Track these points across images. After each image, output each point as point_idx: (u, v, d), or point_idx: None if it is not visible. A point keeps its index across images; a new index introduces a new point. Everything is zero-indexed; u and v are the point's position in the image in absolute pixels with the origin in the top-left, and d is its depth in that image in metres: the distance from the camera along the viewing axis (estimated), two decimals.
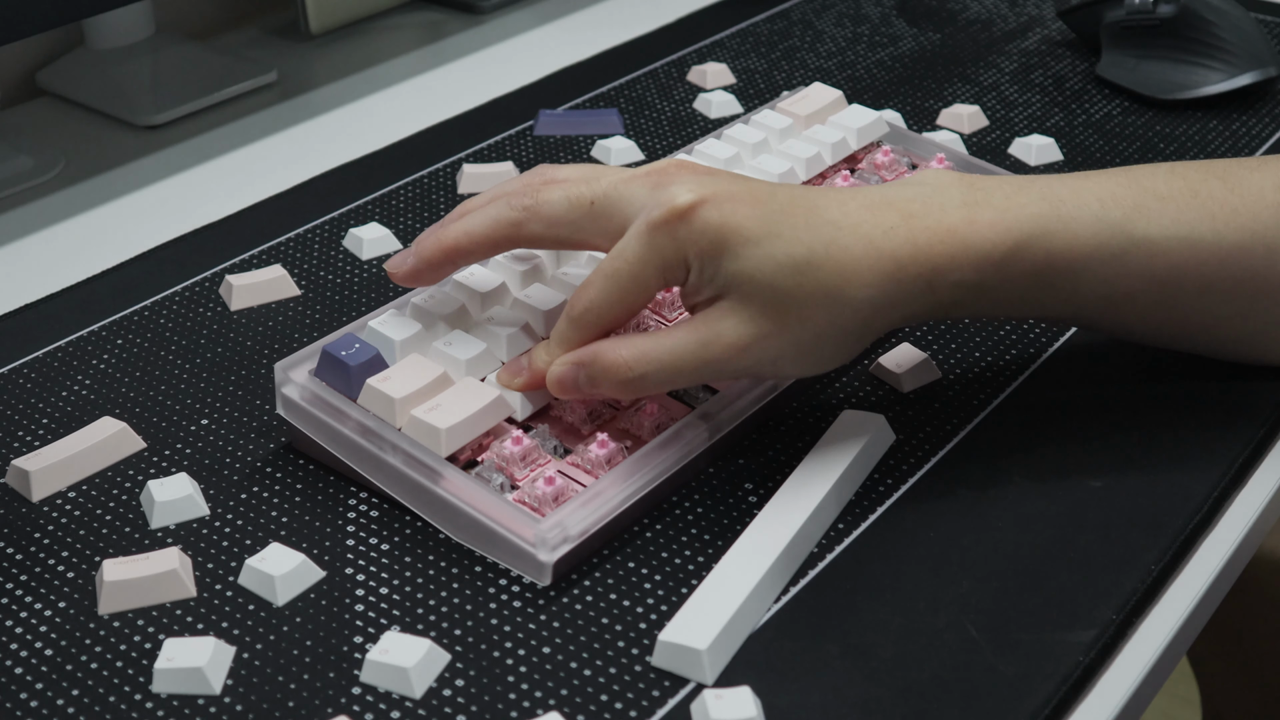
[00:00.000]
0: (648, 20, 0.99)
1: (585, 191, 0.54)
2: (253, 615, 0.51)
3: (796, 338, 0.53)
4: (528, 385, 0.56)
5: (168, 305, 0.68)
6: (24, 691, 0.48)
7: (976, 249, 0.54)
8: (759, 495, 0.56)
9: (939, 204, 0.55)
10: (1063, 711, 0.48)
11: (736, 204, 0.52)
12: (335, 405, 0.55)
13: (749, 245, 0.52)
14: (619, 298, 0.53)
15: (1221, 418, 0.60)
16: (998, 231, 0.54)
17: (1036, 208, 0.55)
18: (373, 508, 0.55)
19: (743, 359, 0.53)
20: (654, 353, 0.53)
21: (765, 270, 0.52)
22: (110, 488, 0.57)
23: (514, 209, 0.55)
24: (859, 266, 0.53)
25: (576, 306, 0.54)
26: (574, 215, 0.54)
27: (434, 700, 0.47)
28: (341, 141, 0.85)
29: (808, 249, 0.52)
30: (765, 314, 0.52)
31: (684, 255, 0.52)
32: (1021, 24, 0.97)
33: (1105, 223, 0.56)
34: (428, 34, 1.01)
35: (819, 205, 0.54)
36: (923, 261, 0.53)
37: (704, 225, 0.52)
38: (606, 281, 0.53)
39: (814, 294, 0.52)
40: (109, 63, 0.92)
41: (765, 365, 0.54)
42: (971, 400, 0.61)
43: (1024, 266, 0.55)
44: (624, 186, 0.54)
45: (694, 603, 0.50)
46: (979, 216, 0.55)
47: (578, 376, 0.54)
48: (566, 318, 0.55)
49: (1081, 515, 0.55)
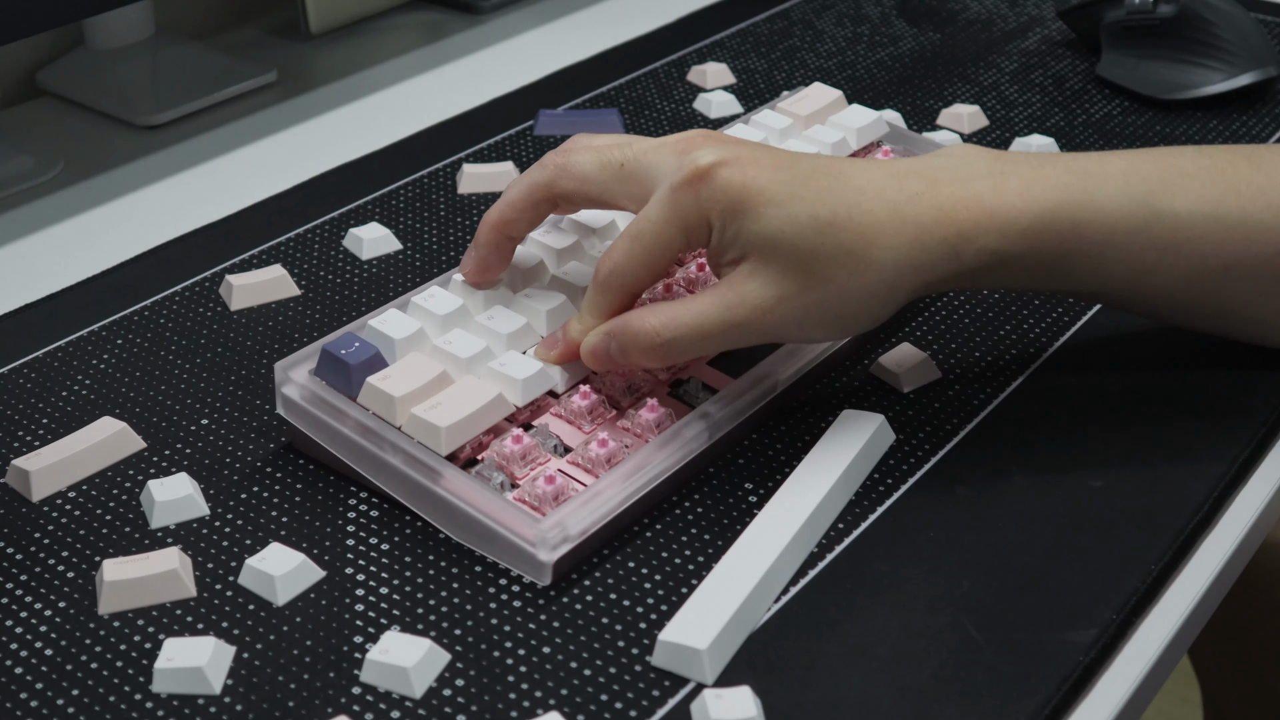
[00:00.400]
0: (648, 20, 0.99)
1: (616, 155, 0.56)
2: (253, 615, 0.51)
3: (820, 298, 0.53)
4: (563, 357, 0.57)
5: (168, 305, 0.68)
6: (24, 691, 0.48)
7: (1002, 216, 0.54)
8: (759, 495, 0.56)
9: (965, 173, 0.55)
10: (1063, 711, 0.48)
11: (759, 167, 0.53)
12: (335, 405, 0.55)
13: (771, 206, 0.53)
14: (643, 259, 0.54)
15: (1221, 418, 0.60)
16: (1024, 200, 0.55)
17: (1063, 179, 0.56)
18: (373, 508, 0.55)
19: (768, 320, 0.54)
20: (681, 318, 0.54)
21: (787, 231, 0.52)
22: (110, 488, 0.57)
23: (546, 169, 0.57)
24: (882, 229, 0.53)
25: (602, 271, 0.55)
26: (604, 175, 0.56)
27: (434, 700, 0.47)
28: (341, 141, 0.85)
29: (830, 210, 0.53)
30: (788, 274, 0.53)
31: (706, 215, 0.53)
32: (1021, 24, 0.97)
33: (1131, 196, 0.56)
34: (428, 34, 1.01)
35: (843, 171, 0.55)
36: (947, 226, 0.54)
37: (726, 185, 0.53)
38: (631, 243, 0.55)
39: (836, 254, 0.53)
40: (109, 63, 0.92)
41: (790, 327, 0.54)
42: (971, 400, 0.61)
43: (1049, 236, 0.55)
44: (653, 153, 0.55)
45: (694, 603, 0.50)
46: (1005, 185, 0.55)
47: (609, 346, 0.55)
48: (593, 284, 0.56)
49: (1081, 515, 0.55)
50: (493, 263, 0.59)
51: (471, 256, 0.60)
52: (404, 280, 0.70)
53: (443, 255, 0.72)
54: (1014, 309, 0.67)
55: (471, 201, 0.76)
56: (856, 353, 0.63)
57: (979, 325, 0.66)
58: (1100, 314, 0.67)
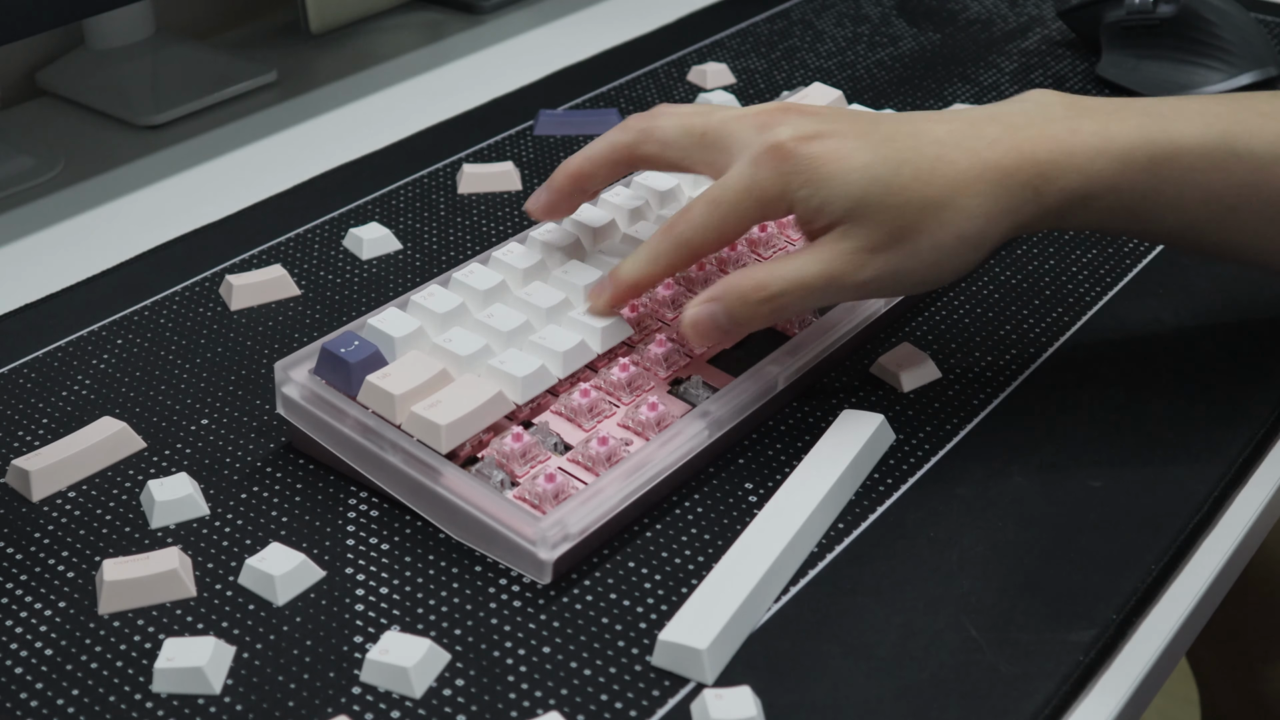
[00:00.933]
0: (648, 20, 0.99)
1: (699, 122, 0.58)
2: (253, 615, 0.51)
3: (914, 250, 0.55)
4: (615, 300, 0.58)
5: (168, 305, 0.68)
6: (24, 691, 0.48)
7: (1081, 155, 0.56)
8: (759, 495, 0.56)
9: (1042, 116, 0.57)
10: (1063, 711, 0.48)
11: (841, 137, 0.55)
12: (335, 404, 0.55)
13: (854, 171, 0.54)
14: (718, 224, 0.56)
15: (1221, 418, 0.60)
16: (1102, 139, 0.56)
17: (1139, 120, 0.57)
18: (373, 508, 0.55)
19: (865, 272, 0.55)
20: (783, 272, 0.55)
21: (873, 192, 0.54)
22: (110, 488, 0.57)
23: (630, 131, 0.59)
24: (966, 177, 0.55)
25: (676, 227, 0.57)
26: (685, 141, 0.58)
27: (434, 700, 0.47)
28: (341, 141, 0.85)
29: (914, 167, 0.54)
30: (880, 232, 0.54)
31: (784, 189, 0.55)
32: (1021, 24, 0.97)
33: (1208, 134, 0.57)
34: (428, 34, 1.01)
35: (922, 127, 0.56)
36: (1028, 168, 0.55)
37: (808, 159, 0.54)
38: (708, 206, 0.56)
39: (925, 208, 0.54)
40: (109, 63, 0.92)
41: (888, 280, 0.56)
42: (971, 400, 0.61)
43: (1128, 174, 0.56)
44: (734, 123, 0.57)
45: (694, 603, 0.50)
46: (1082, 126, 0.56)
47: (715, 313, 0.56)
48: (661, 235, 0.57)
49: (1081, 515, 0.55)
50: (560, 208, 0.62)
51: (542, 196, 0.61)
52: (404, 280, 0.70)
53: (443, 255, 0.72)
54: (1014, 309, 0.67)
55: (471, 201, 0.76)
56: (856, 353, 0.63)
57: (979, 325, 0.66)
58: (1100, 315, 0.67)
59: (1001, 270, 0.70)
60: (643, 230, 0.65)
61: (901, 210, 0.54)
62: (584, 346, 0.58)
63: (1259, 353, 0.64)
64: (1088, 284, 0.69)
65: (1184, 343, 0.65)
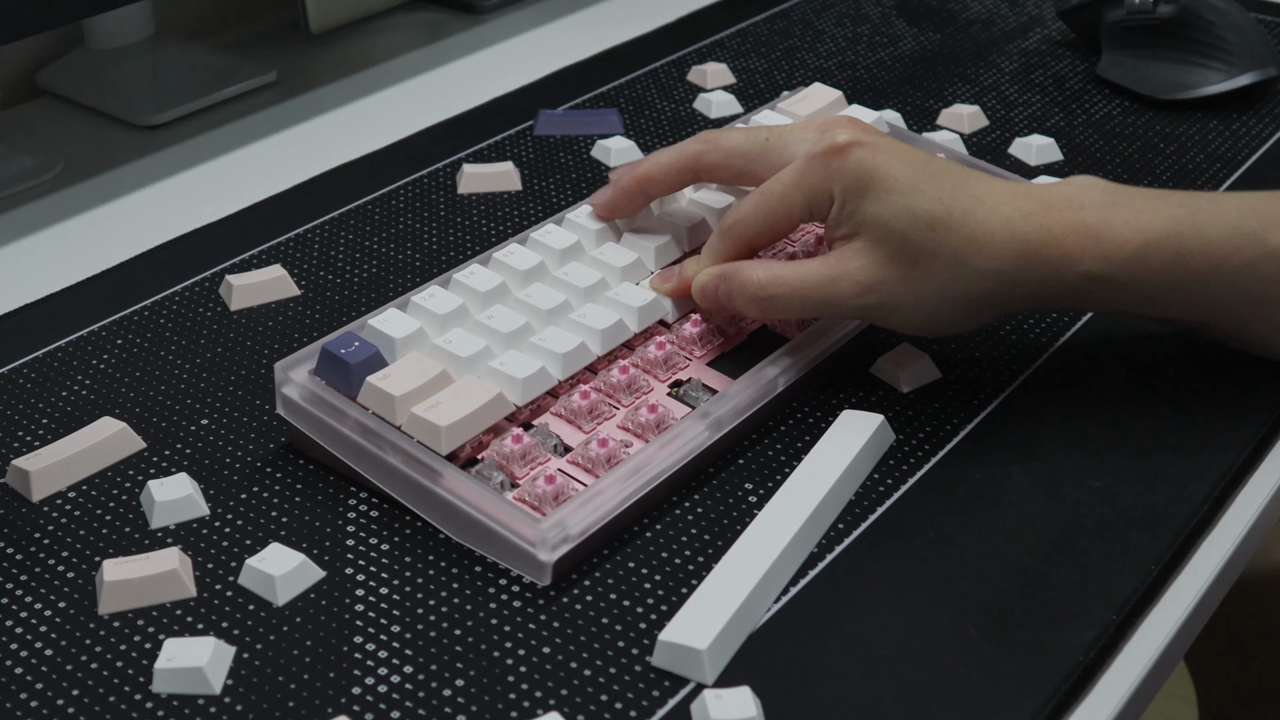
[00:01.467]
0: (648, 20, 0.99)
1: (762, 132, 0.61)
2: (253, 615, 0.51)
3: (918, 291, 0.56)
4: (677, 291, 0.61)
5: (168, 305, 0.68)
6: (24, 691, 0.48)
7: (1109, 242, 0.56)
8: (759, 495, 0.56)
9: (1079, 201, 0.57)
10: (1063, 711, 0.48)
11: (891, 155, 0.57)
12: (335, 405, 0.55)
13: (892, 193, 0.56)
14: (766, 215, 0.58)
15: (1221, 418, 0.60)
16: (1130, 229, 0.57)
17: (1173, 212, 0.57)
18: (373, 508, 0.55)
19: (865, 299, 0.57)
20: (786, 277, 0.57)
21: (901, 219, 0.55)
22: (110, 488, 0.57)
23: (698, 142, 0.62)
24: (992, 239, 0.56)
25: (727, 220, 0.60)
26: (749, 149, 0.60)
27: (434, 700, 0.47)
28: (341, 141, 0.85)
29: (946, 210, 0.55)
30: (893, 261, 0.56)
31: (830, 187, 0.57)
32: (1021, 24, 0.97)
33: (1241, 231, 0.57)
34: (428, 34, 1.01)
35: (966, 178, 0.57)
36: (1054, 247, 0.56)
37: (856, 164, 0.56)
38: (759, 199, 0.59)
39: (942, 253, 0.55)
40: (109, 63, 0.92)
41: (884, 311, 0.57)
42: (971, 400, 0.61)
43: (1154, 264, 0.57)
44: (796, 130, 0.60)
45: (694, 603, 0.50)
46: (1115, 216, 0.57)
47: (718, 287, 0.59)
48: (717, 230, 0.61)
49: (1081, 515, 0.55)
50: (623, 209, 0.64)
51: (607, 194, 0.64)
52: (404, 280, 0.70)
53: (443, 255, 0.72)
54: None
55: (471, 201, 0.76)
56: (856, 353, 0.63)
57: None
58: (1099, 315, 0.67)
59: None
60: (643, 232, 0.65)
61: (922, 248, 0.55)
62: (584, 348, 0.58)
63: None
64: None
65: (1184, 343, 0.65)
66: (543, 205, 0.76)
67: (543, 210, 0.75)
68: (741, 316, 0.62)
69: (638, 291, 0.61)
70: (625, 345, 0.61)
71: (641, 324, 0.60)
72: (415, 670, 0.49)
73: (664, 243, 0.64)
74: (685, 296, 0.61)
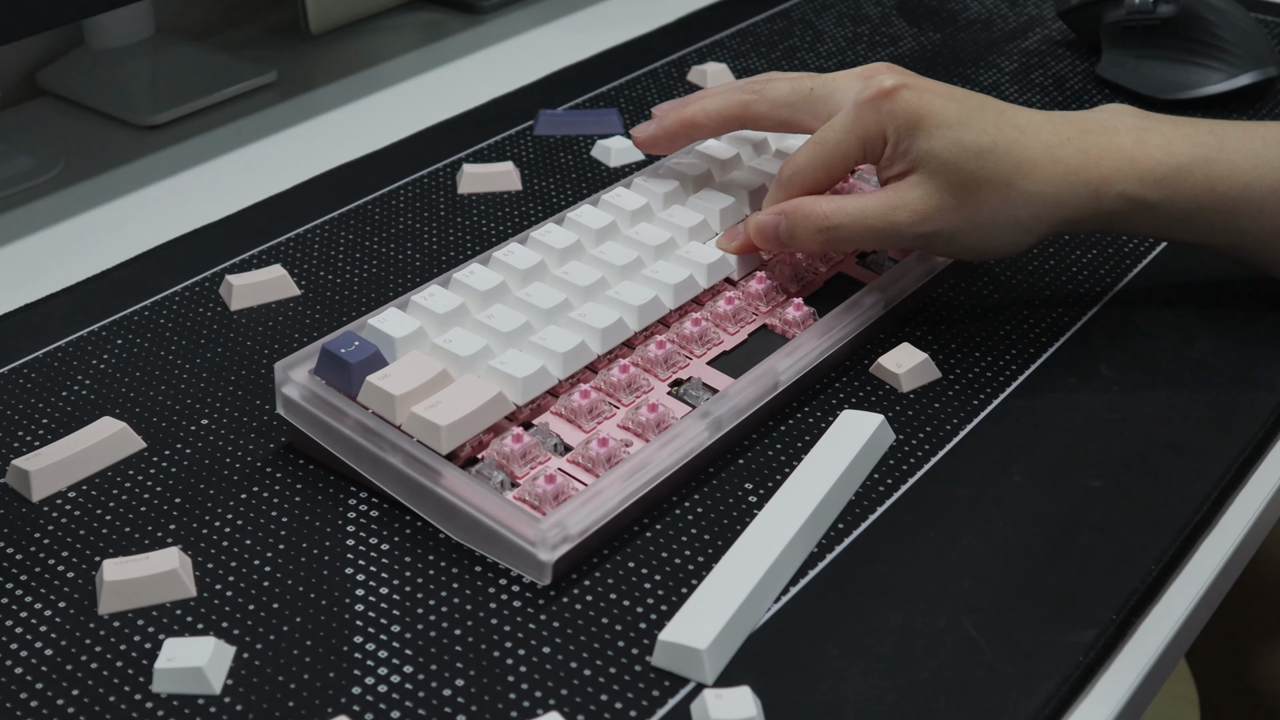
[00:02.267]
0: (648, 20, 0.99)
1: (807, 81, 0.63)
2: (253, 615, 0.51)
3: (972, 216, 0.60)
4: (744, 248, 0.64)
5: (168, 305, 0.68)
6: (24, 691, 0.48)
7: (1142, 164, 0.60)
8: (759, 495, 0.56)
9: (1114, 125, 0.62)
10: (1063, 711, 0.48)
11: (935, 94, 0.60)
12: (335, 404, 0.55)
13: (942, 128, 0.59)
14: (823, 161, 0.61)
15: (1221, 418, 0.60)
16: (1163, 152, 0.61)
17: (1203, 138, 0.61)
18: (373, 508, 0.55)
19: (924, 226, 0.60)
20: (849, 207, 0.60)
21: (951, 151, 0.59)
22: (110, 488, 0.57)
23: (745, 91, 0.64)
24: (1034, 164, 0.60)
25: (785, 171, 0.62)
26: (795, 99, 0.63)
27: (434, 700, 0.47)
28: (341, 141, 0.85)
29: (991, 140, 0.59)
30: (948, 190, 0.59)
31: (883, 129, 0.60)
32: (1021, 24, 0.97)
33: (1266, 160, 0.61)
34: (428, 34, 1.01)
35: (1006, 110, 0.61)
36: (1091, 169, 0.60)
37: (905, 105, 0.59)
38: (814, 147, 0.61)
39: (991, 179, 0.59)
40: (109, 63, 0.92)
41: (942, 239, 0.61)
42: (971, 400, 0.61)
43: (1184, 188, 0.61)
44: (840, 79, 0.62)
45: (694, 603, 0.50)
46: (1148, 140, 0.61)
47: (778, 225, 0.62)
48: (775, 182, 0.63)
49: (1081, 515, 0.55)
50: (662, 146, 0.67)
51: (649, 129, 0.66)
52: (404, 280, 0.70)
53: (443, 255, 0.72)
54: (1014, 309, 0.67)
55: (471, 201, 0.76)
56: (856, 353, 0.63)
57: (979, 325, 0.66)
58: (1100, 315, 0.67)
59: (1001, 270, 0.70)
60: (643, 232, 0.65)
61: (973, 176, 0.59)
62: (584, 348, 0.58)
63: (1259, 353, 0.64)
64: (1088, 284, 0.69)
65: (1184, 343, 0.65)
66: (543, 205, 0.76)
67: (543, 210, 0.75)
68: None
69: (636, 289, 0.61)
70: (625, 344, 0.61)
71: (642, 322, 0.60)
72: (415, 670, 0.49)
73: (664, 241, 0.64)
74: (751, 253, 0.64)
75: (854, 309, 0.63)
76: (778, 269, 0.65)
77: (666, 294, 0.62)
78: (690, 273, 0.62)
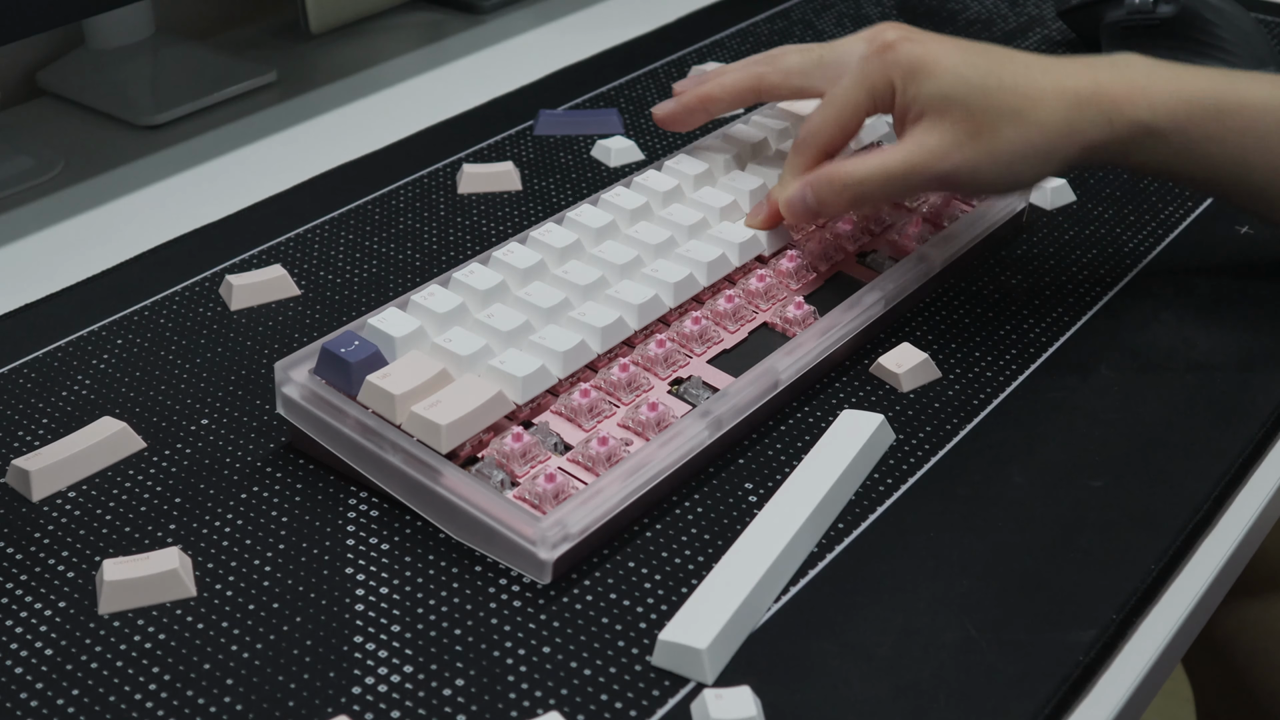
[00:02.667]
0: (648, 20, 0.99)
1: (817, 49, 0.66)
2: (253, 615, 0.51)
3: (990, 149, 0.61)
4: (770, 220, 0.66)
5: (168, 305, 0.68)
6: (24, 691, 0.48)
7: (1153, 92, 0.62)
8: (759, 495, 0.56)
9: (1124, 62, 0.64)
10: (1063, 711, 0.48)
11: (936, 41, 0.63)
12: (335, 404, 0.55)
13: (947, 71, 0.61)
14: (835, 117, 0.64)
15: (1221, 418, 0.60)
16: (1173, 84, 0.63)
17: (1212, 76, 0.64)
18: (373, 508, 0.55)
19: (944, 164, 0.62)
20: (870, 162, 0.62)
21: (960, 90, 0.61)
22: (110, 488, 0.57)
23: (759, 63, 0.67)
24: (1044, 95, 0.62)
25: (801, 134, 0.65)
26: (806, 67, 0.66)
27: (434, 700, 0.47)
28: (341, 141, 0.85)
29: (998, 78, 0.61)
30: (961, 126, 0.61)
31: (889, 78, 0.62)
32: (1021, 24, 0.97)
33: (1275, 98, 0.63)
34: (428, 34, 1.01)
35: (1010, 53, 0.64)
36: (1104, 97, 0.62)
37: (907, 53, 0.62)
38: (825, 106, 0.64)
39: (1003, 112, 0.61)
40: (109, 63, 0.92)
41: (965, 175, 0.62)
42: (971, 400, 0.61)
43: (1195, 116, 0.62)
44: (847, 43, 0.65)
45: (694, 603, 0.50)
46: (1158, 74, 0.63)
47: (804, 196, 0.63)
48: (792, 148, 0.65)
49: (1081, 515, 0.55)
50: (682, 122, 0.69)
51: (669, 107, 0.69)
52: (404, 280, 0.70)
53: (443, 255, 0.72)
54: (1014, 309, 0.67)
55: (471, 201, 0.76)
56: (856, 353, 0.63)
57: (979, 325, 0.66)
58: (1099, 315, 0.67)
59: (1001, 270, 0.70)
60: (642, 230, 0.65)
61: (984, 111, 0.61)
62: (584, 347, 0.58)
63: (1259, 353, 0.64)
64: (1088, 284, 0.69)
65: (1184, 343, 0.65)
66: (543, 205, 0.76)
67: (543, 210, 0.75)
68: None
69: (636, 288, 0.61)
70: (625, 343, 0.61)
71: (642, 321, 0.60)
72: (415, 670, 0.49)
73: (664, 239, 0.64)
74: (778, 227, 0.66)
75: (854, 308, 0.63)
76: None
77: (666, 292, 0.62)
78: (690, 270, 0.62)
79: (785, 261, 0.65)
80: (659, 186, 0.68)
